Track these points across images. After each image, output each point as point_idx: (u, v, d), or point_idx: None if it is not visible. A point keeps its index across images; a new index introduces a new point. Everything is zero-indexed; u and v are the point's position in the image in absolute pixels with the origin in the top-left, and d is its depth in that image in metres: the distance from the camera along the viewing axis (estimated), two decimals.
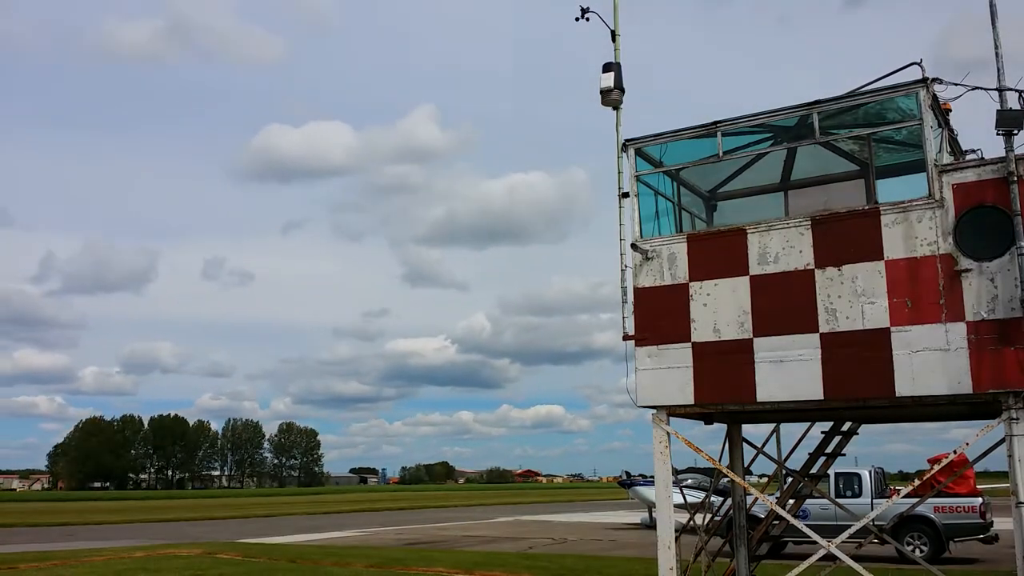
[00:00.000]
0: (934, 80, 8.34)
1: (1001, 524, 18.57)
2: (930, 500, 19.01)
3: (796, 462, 11.35)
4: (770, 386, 8.66)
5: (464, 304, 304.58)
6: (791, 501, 11.01)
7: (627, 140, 9.88)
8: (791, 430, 11.60)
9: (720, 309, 9.07)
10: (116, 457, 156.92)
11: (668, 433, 9.34)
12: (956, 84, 8.50)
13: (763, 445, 11.24)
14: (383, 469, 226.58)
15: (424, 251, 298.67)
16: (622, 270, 9.54)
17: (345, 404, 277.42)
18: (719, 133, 9.43)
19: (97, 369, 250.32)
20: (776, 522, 10.92)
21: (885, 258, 8.30)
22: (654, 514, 14.74)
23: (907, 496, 15.47)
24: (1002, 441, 7.93)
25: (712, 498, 14.60)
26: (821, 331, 8.49)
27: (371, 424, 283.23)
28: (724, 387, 8.98)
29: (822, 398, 8.44)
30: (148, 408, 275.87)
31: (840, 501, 16.16)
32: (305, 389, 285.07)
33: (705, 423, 10.66)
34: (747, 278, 8.99)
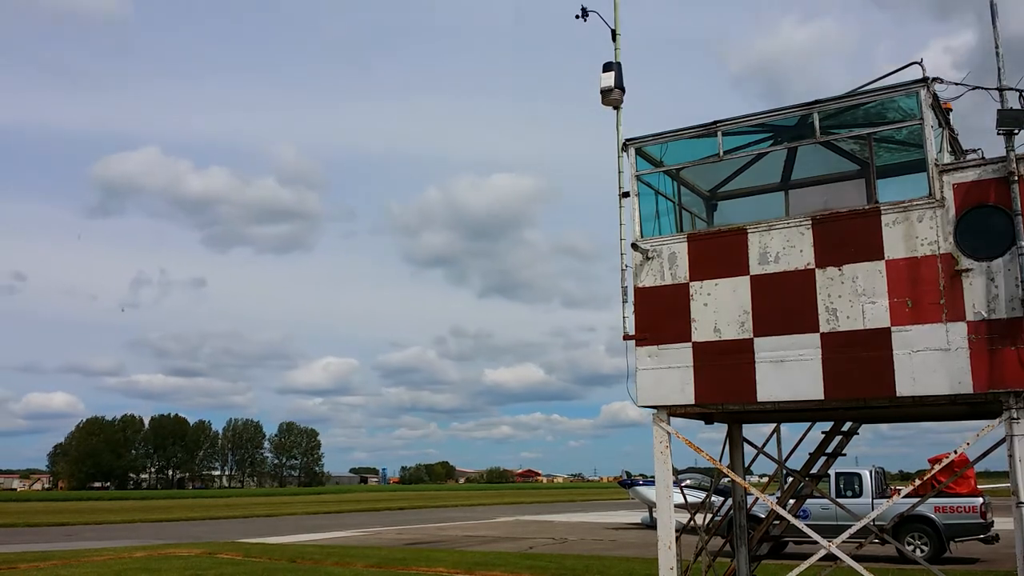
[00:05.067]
0: (935, 79, 8.33)
1: (1002, 524, 18.57)
2: (931, 500, 19.02)
3: (796, 462, 11.35)
4: (771, 386, 8.65)
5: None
6: (791, 501, 11.00)
7: (627, 139, 9.87)
8: (792, 430, 11.61)
9: (720, 309, 9.05)
10: (116, 457, 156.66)
11: (668, 433, 9.33)
12: (956, 84, 8.49)
13: (763, 445, 11.23)
14: (383, 469, 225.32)
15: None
16: (622, 270, 9.53)
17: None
18: (719, 133, 9.42)
19: None
20: (776, 522, 10.91)
21: (886, 258, 8.29)
22: (654, 514, 14.73)
23: (908, 496, 15.47)
24: (1003, 441, 7.91)
25: (713, 498, 14.59)
26: (822, 331, 8.48)
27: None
28: (724, 387, 8.96)
29: (822, 398, 8.42)
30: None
31: (841, 501, 16.16)
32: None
33: (705, 423, 10.65)
34: (747, 278, 8.97)
